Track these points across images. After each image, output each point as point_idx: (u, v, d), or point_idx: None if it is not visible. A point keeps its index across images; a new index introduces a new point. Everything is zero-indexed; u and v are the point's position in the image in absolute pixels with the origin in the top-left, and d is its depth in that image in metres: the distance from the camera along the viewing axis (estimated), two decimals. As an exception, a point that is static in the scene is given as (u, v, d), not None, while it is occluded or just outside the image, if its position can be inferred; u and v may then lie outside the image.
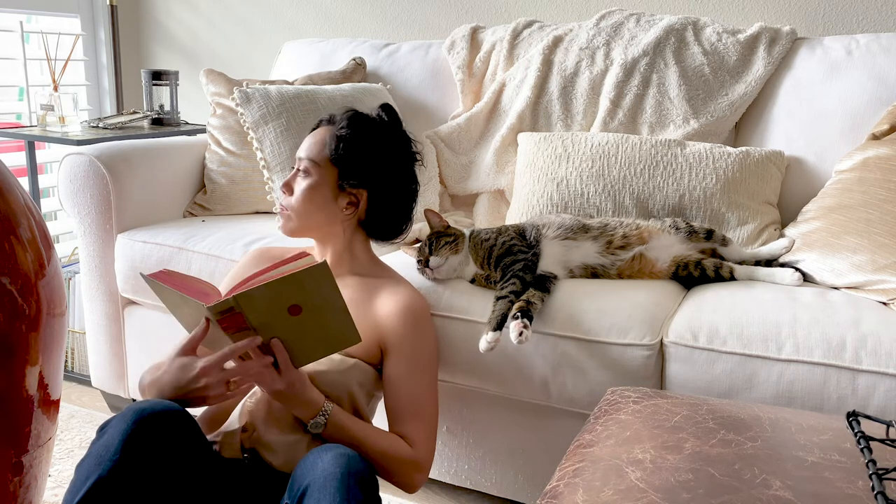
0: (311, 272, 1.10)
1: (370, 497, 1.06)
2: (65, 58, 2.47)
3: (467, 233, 1.56)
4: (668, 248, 1.56)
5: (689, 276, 1.54)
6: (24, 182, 2.26)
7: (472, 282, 1.53)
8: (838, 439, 0.91)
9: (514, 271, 1.45)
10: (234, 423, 1.28)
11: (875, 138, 1.66)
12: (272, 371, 1.17)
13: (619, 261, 1.54)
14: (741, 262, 1.59)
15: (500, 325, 1.37)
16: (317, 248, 1.44)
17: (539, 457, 1.54)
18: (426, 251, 1.51)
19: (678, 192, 1.72)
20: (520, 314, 1.35)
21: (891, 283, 1.40)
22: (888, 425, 0.89)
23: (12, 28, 2.53)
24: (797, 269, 1.52)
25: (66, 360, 2.25)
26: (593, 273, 1.54)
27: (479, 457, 1.61)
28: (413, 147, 1.45)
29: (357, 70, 2.26)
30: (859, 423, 0.91)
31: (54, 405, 1.35)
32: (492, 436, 1.58)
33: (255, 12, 2.81)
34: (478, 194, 2.10)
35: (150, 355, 1.89)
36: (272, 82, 2.13)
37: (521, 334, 1.33)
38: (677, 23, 1.97)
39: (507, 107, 2.09)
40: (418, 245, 1.57)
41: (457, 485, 1.66)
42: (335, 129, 1.38)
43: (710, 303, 1.42)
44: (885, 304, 1.39)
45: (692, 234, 1.58)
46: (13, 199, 1.25)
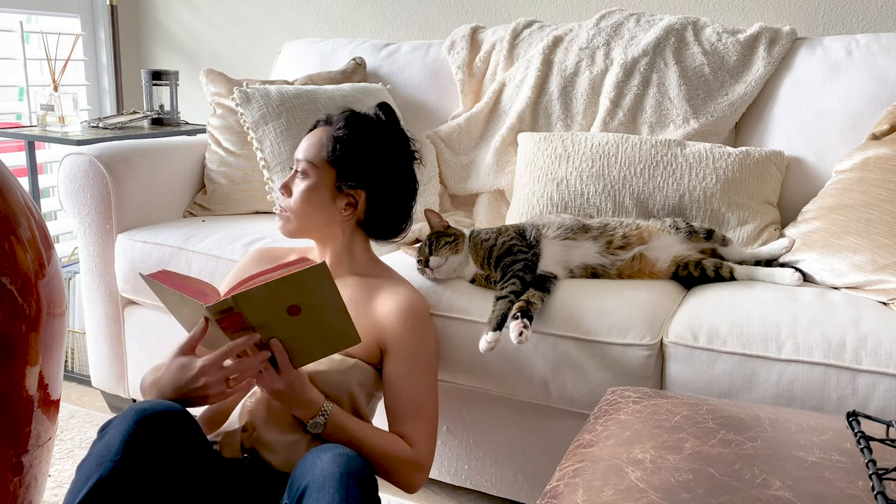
0: (310, 272, 1.10)
1: (369, 497, 1.06)
2: (65, 58, 2.47)
3: (467, 233, 1.56)
4: (668, 248, 1.56)
5: (689, 276, 1.54)
6: (24, 182, 2.26)
7: (472, 282, 1.53)
8: (838, 439, 0.91)
9: (514, 271, 1.45)
10: (234, 423, 1.28)
11: (875, 138, 1.66)
12: (271, 371, 1.17)
13: (619, 261, 1.54)
14: (741, 262, 1.59)
15: (500, 325, 1.37)
16: (316, 248, 1.44)
17: (539, 457, 1.54)
18: (426, 251, 1.51)
19: (678, 192, 1.72)
20: (520, 314, 1.35)
21: (891, 283, 1.40)
22: (888, 425, 0.89)
23: (12, 28, 2.53)
24: (797, 269, 1.52)
25: (66, 360, 2.25)
26: (593, 273, 1.54)
27: (479, 457, 1.61)
28: (411, 146, 1.44)
29: (357, 70, 2.26)
30: (859, 423, 0.91)
31: (54, 405, 1.35)
32: (492, 436, 1.58)
33: (255, 12, 2.81)
34: (478, 194, 2.10)
35: (150, 355, 1.89)
36: (272, 82, 2.13)
37: (521, 334, 1.33)
38: (677, 23, 1.97)
39: (507, 107, 2.09)
40: (418, 245, 1.57)
41: (457, 485, 1.66)
42: (332, 130, 1.38)
43: (710, 303, 1.42)
44: (885, 304, 1.39)
45: (692, 234, 1.58)
46: (13, 199, 1.25)
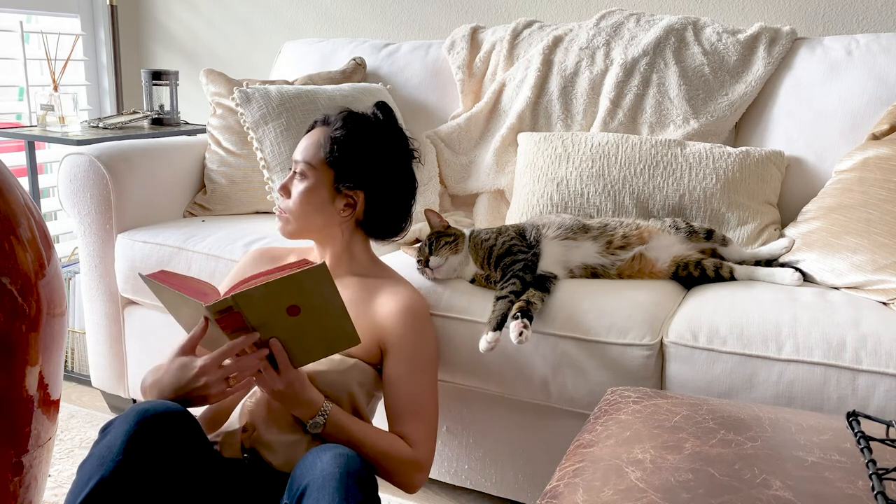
0: (310, 273, 1.10)
1: (369, 497, 1.06)
2: (65, 58, 2.47)
3: (467, 233, 1.56)
4: (668, 248, 1.56)
5: (689, 276, 1.54)
6: (24, 182, 2.26)
7: (472, 282, 1.53)
8: (838, 439, 0.91)
9: (514, 271, 1.45)
10: (234, 423, 1.28)
11: (875, 138, 1.66)
12: (271, 371, 1.17)
13: (619, 261, 1.54)
14: (741, 262, 1.59)
15: (500, 325, 1.37)
16: (316, 248, 1.44)
17: (539, 457, 1.54)
18: (426, 251, 1.51)
19: (678, 192, 1.71)
20: (520, 314, 1.35)
21: (891, 283, 1.40)
22: (888, 425, 0.89)
23: (12, 28, 2.53)
24: (797, 269, 1.52)
25: (66, 360, 2.25)
26: (593, 273, 1.54)
27: (479, 457, 1.61)
28: (409, 145, 1.43)
29: (357, 70, 2.26)
30: (859, 423, 0.91)
31: (54, 405, 1.35)
32: (492, 436, 1.58)
33: (255, 12, 2.81)
34: (478, 194, 2.10)
35: (150, 355, 1.89)
36: (272, 82, 2.13)
37: (521, 334, 1.33)
38: (677, 23, 1.97)
39: (507, 107, 2.09)
40: (418, 245, 1.57)
41: (457, 485, 1.66)
42: (330, 131, 1.37)
43: (710, 303, 1.42)
44: (885, 304, 1.39)
45: (692, 234, 1.58)
46: (13, 199, 1.25)
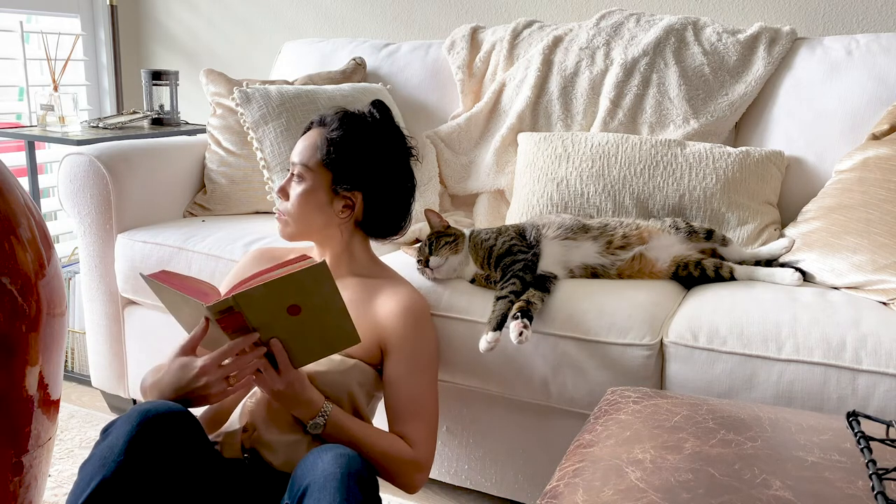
0: (310, 272, 1.10)
1: (370, 497, 1.06)
2: (65, 58, 2.47)
3: (467, 233, 1.56)
4: (668, 248, 1.56)
5: (689, 276, 1.54)
6: (24, 182, 2.26)
7: (472, 282, 1.53)
8: (838, 439, 0.91)
9: (514, 271, 1.45)
10: (234, 423, 1.28)
11: (875, 138, 1.66)
12: (271, 371, 1.17)
13: (619, 261, 1.54)
14: (741, 262, 1.59)
15: (500, 325, 1.37)
16: (316, 249, 1.44)
17: (539, 457, 1.54)
18: (426, 251, 1.51)
19: (678, 192, 1.72)
20: (520, 314, 1.35)
21: (891, 283, 1.40)
22: (888, 425, 0.89)
23: (12, 28, 2.53)
24: (797, 269, 1.52)
25: (66, 360, 2.25)
26: (593, 273, 1.54)
27: (479, 457, 1.61)
28: (407, 143, 1.43)
29: (357, 70, 2.26)
30: (859, 423, 0.91)
31: (54, 405, 1.35)
32: (492, 436, 1.58)
33: (255, 12, 2.81)
34: (478, 194, 2.10)
35: (150, 355, 1.89)
36: (272, 82, 2.13)
37: (521, 334, 1.33)
38: (677, 23, 1.97)
39: (507, 107, 2.09)
40: (418, 245, 1.57)
41: (457, 485, 1.66)
42: (326, 132, 1.37)
43: (710, 303, 1.42)
44: (885, 304, 1.39)
45: (692, 234, 1.58)
46: (13, 199, 1.25)
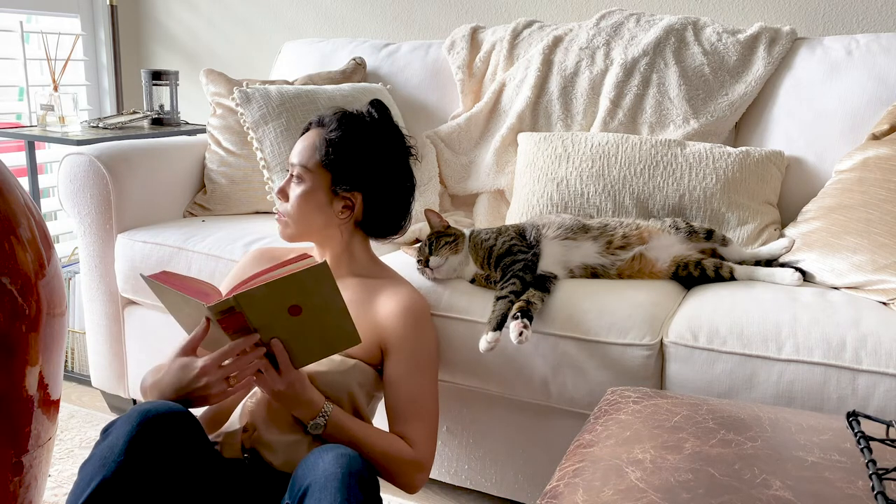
0: (311, 272, 1.10)
1: (371, 497, 1.06)
2: (65, 58, 2.47)
3: (467, 233, 1.56)
4: (668, 248, 1.56)
5: (689, 276, 1.54)
6: (24, 182, 2.26)
7: (472, 282, 1.53)
8: (838, 439, 0.91)
9: (514, 271, 1.45)
10: (234, 423, 1.28)
11: (875, 138, 1.66)
12: (272, 371, 1.17)
13: (619, 261, 1.54)
14: (741, 262, 1.59)
15: (500, 325, 1.37)
16: (316, 249, 1.44)
17: (539, 457, 1.54)
18: (426, 251, 1.51)
19: (678, 192, 1.72)
20: (520, 314, 1.35)
21: (891, 283, 1.40)
22: (888, 425, 0.89)
23: (12, 28, 2.53)
24: (797, 269, 1.52)
25: (66, 360, 2.25)
26: (593, 273, 1.54)
27: (479, 457, 1.61)
28: (406, 142, 1.43)
29: (357, 70, 2.26)
30: (859, 423, 0.91)
31: (54, 405, 1.35)
32: (492, 436, 1.58)
33: (255, 12, 2.81)
34: (478, 194, 2.10)
35: (150, 355, 1.89)
36: (272, 82, 2.13)
37: (521, 334, 1.33)
38: (677, 23, 1.97)
39: (507, 107, 2.09)
40: (418, 245, 1.57)
41: (457, 485, 1.66)
42: (325, 133, 1.37)
43: (710, 303, 1.42)
44: (885, 304, 1.39)
45: (692, 234, 1.58)
46: (13, 199, 1.25)
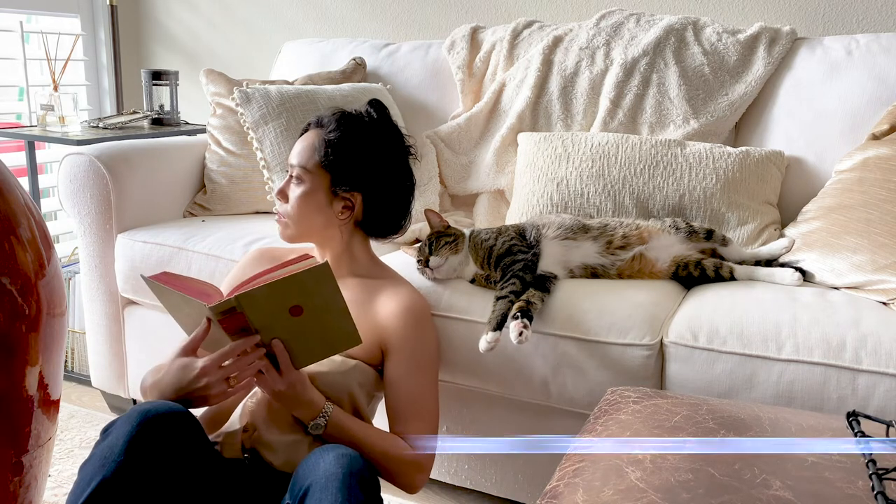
0: (312, 272, 1.10)
1: (371, 497, 1.06)
2: (65, 58, 2.47)
3: (467, 233, 1.56)
4: (668, 248, 1.57)
5: (689, 276, 1.55)
6: (24, 182, 2.26)
7: (472, 282, 1.53)
8: (838, 439, 0.91)
9: (514, 271, 1.45)
10: (234, 423, 1.28)
11: (875, 138, 1.66)
12: (273, 371, 1.17)
13: (619, 261, 1.54)
14: (741, 262, 1.59)
15: (500, 325, 1.37)
16: (316, 250, 1.44)
17: (539, 457, 1.54)
18: (426, 251, 1.51)
19: (678, 192, 1.72)
20: (520, 314, 1.35)
21: (891, 283, 1.40)
22: (888, 425, 0.89)
23: (12, 28, 2.53)
24: (797, 269, 1.52)
25: (66, 360, 2.25)
26: (593, 273, 1.54)
27: (479, 457, 1.61)
28: (405, 142, 1.43)
29: (357, 70, 2.26)
30: (859, 423, 0.91)
31: (54, 405, 1.35)
32: (492, 436, 1.58)
33: (255, 12, 2.81)
34: (478, 194, 2.10)
35: (150, 355, 1.89)
36: (272, 82, 2.13)
37: (521, 334, 1.33)
38: (677, 23, 1.97)
39: (507, 107, 2.09)
40: (418, 245, 1.57)
41: (457, 485, 1.66)
42: (324, 133, 1.36)
43: (710, 303, 1.42)
44: (885, 304, 1.39)
45: (692, 234, 1.58)
46: (13, 199, 1.25)
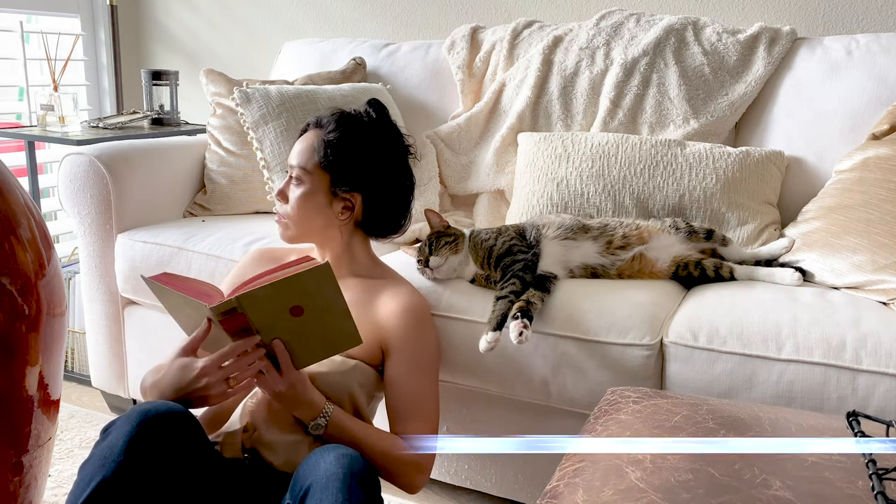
0: (313, 273, 1.10)
1: (372, 497, 1.06)
2: (65, 58, 2.47)
3: (467, 233, 1.56)
4: (668, 248, 1.57)
5: (689, 276, 1.55)
6: (24, 182, 2.26)
7: (472, 282, 1.53)
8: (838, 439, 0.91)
9: (514, 271, 1.45)
10: (235, 423, 1.28)
11: (875, 138, 1.67)
12: (273, 372, 1.17)
13: (619, 261, 1.54)
14: (741, 262, 1.59)
15: (500, 325, 1.37)
16: (316, 250, 1.44)
17: (539, 457, 1.54)
18: (426, 251, 1.51)
19: (678, 192, 1.72)
20: (520, 314, 1.35)
21: (891, 283, 1.40)
22: (888, 425, 0.89)
23: (12, 28, 2.53)
24: (797, 269, 1.52)
25: (66, 360, 2.25)
26: (593, 273, 1.54)
27: (479, 457, 1.61)
28: (404, 141, 1.43)
29: (357, 70, 2.26)
30: (859, 423, 0.91)
31: (54, 405, 1.35)
32: (492, 436, 1.58)
33: (255, 12, 2.81)
34: (478, 194, 2.10)
35: (150, 355, 1.89)
36: (272, 82, 2.13)
37: (521, 334, 1.33)
38: (677, 23, 1.97)
39: (507, 107, 2.09)
40: (418, 245, 1.57)
41: (457, 485, 1.66)
42: (323, 134, 1.36)
43: (710, 303, 1.42)
44: (885, 304, 1.39)
45: (692, 234, 1.58)
46: (13, 199, 1.25)
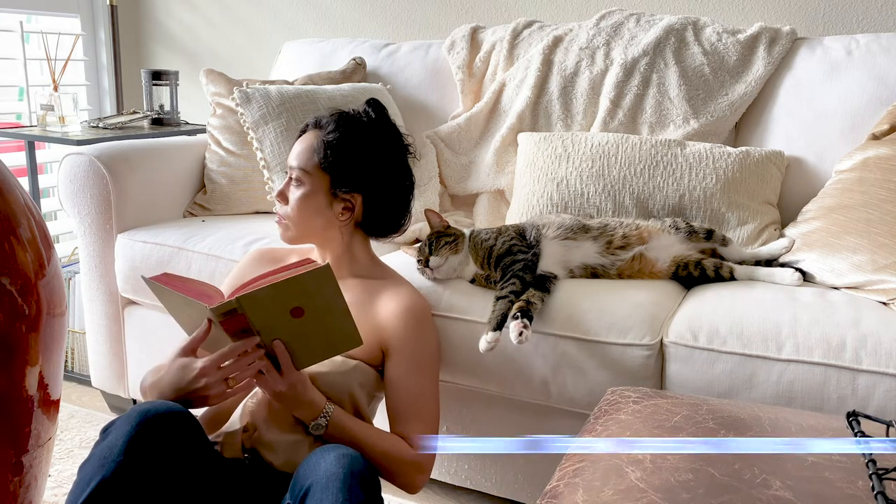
0: (314, 274, 1.10)
1: (372, 497, 1.06)
2: (65, 58, 2.47)
3: (467, 233, 1.56)
4: (668, 248, 1.57)
5: (689, 276, 1.55)
6: (24, 182, 2.26)
7: (472, 282, 1.53)
8: (838, 439, 0.91)
9: (514, 271, 1.45)
10: (235, 423, 1.28)
11: (875, 138, 1.67)
12: (274, 372, 1.18)
13: (619, 261, 1.54)
14: (741, 262, 1.59)
15: (500, 325, 1.37)
16: (317, 251, 1.44)
17: (539, 457, 1.54)
18: (426, 251, 1.51)
19: (678, 192, 1.72)
20: (520, 314, 1.35)
21: (891, 283, 1.40)
22: (888, 425, 0.89)
23: (12, 28, 2.53)
24: (797, 269, 1.52)
25: (66, 360, 2.25)
26: (593, 273, 1.54)
27: (479, 457, 1.61)
28: (404, 140, 1.43)
29: (357, 70, 2.26)
30: (859, 423, 0.91)
31: (54, 405, 1.35)
32: (492, 436, 1.58)
33: (255, 12, 2.81)
34: (478, 194, 2.10)
35: (150, 355, 1.89)
36: (272, 82, 2.13)
37: (521, 334, 1.33)
38: (677, 23, 1.97)
39: (507, 107, 2.09)
40: (418, 245, 1.57)
41: (457, 485, 1.66)
42: (323, 135, 1.36)
43: (710, 303, 1.42)
44: (885, 304, 1.39)
45: (692, 234, 1.58)
46: (13, 199, 1.25)
